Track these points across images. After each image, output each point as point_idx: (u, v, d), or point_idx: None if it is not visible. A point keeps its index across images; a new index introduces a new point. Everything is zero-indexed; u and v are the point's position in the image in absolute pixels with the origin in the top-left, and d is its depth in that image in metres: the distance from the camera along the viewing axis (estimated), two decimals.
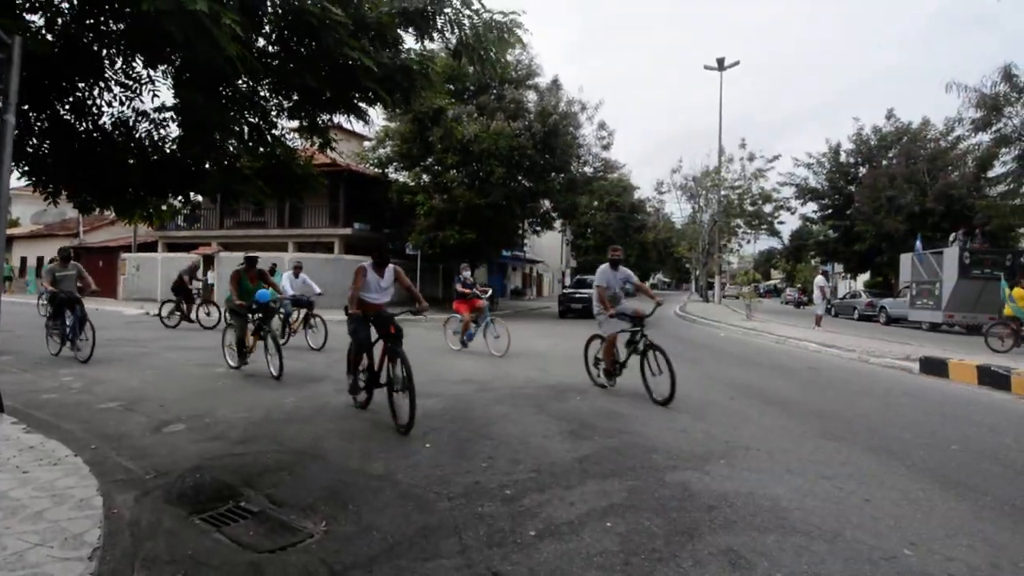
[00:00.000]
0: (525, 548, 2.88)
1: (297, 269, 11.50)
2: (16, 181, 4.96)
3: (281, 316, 10.65)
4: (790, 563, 2.76)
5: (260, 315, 7.57)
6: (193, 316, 14.16)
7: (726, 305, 31.49)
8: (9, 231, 29.61)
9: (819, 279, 18.93)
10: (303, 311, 10.84)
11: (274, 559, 2.75)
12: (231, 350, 7.92)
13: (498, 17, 4.52)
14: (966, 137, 23.58)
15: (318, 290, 11.37)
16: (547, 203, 24.89)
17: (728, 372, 8.80)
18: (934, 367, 8.92)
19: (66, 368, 7.71)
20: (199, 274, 14.93)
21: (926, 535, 3.12)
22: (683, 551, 2.87)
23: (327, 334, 10.35)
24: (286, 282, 11.01)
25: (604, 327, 6.79)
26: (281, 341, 10.12)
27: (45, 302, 13.91)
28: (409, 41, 4.74)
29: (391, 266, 5.71)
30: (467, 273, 10.73)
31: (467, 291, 10.31)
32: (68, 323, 8.46)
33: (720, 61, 30.38)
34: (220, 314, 13.69)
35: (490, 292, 11.18)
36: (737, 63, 30.48)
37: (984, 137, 20.16)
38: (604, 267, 7.08)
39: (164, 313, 14.27)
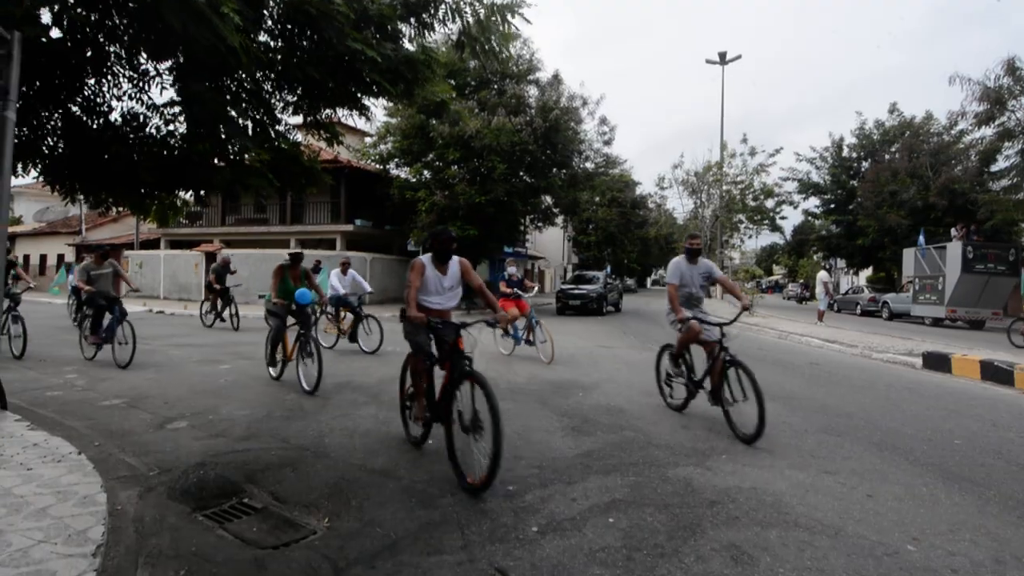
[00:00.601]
0: (527, 544, 2.89)
1: (345, 266, 10.41)
2: (30, 179, 4.98)
3: (330, 316, 10.18)
4: (793, 558, 2.76)
5: (298, 320, 6.70)
6: (224, 315, 13.64)
7: (728, 300, 31.46)
8: (11, 229, 29.68)
9: (822, 274, 18.96)
10: (352, 311, 10.03)
11: (277, 555, 2.76)
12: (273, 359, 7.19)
13: (500, 1, 4.49)
14: (969, 131, 23.50)
15: (369, 288, 10.52)
16: (548, 199, 24.87)
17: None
18: (937, 362, 8.91)
19: (70, 365, 7.73)
20: (231, 268, 14.37)
21: (929, 530, 3.12)
22: (685, 546, 2.87)
23: (383, 336, 9.54)
24: (334, 280, 10.21)
25: (679, 327, 5.58)
26: (327, 345, 9.45)
27: (72, 302, 13.47)
28: (411, 33, 4.73)
29: (456, 259, 4.37)
30: (513, 270, 9.66)
31: (509, 291, 9.30)
32: (105, 324, 8.03)
33: (722, 55, 30.27)
34: (238, 316, 13.39)
35: (535, 289, 10.27)
36: (739, 57, 30.36)
37: (987, 131, 20.07)
38: (678, 260, 5.72)
39: (205, 310, 13.93)
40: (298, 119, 5.43)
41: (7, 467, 3.62)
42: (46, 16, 3.82)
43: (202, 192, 5.59)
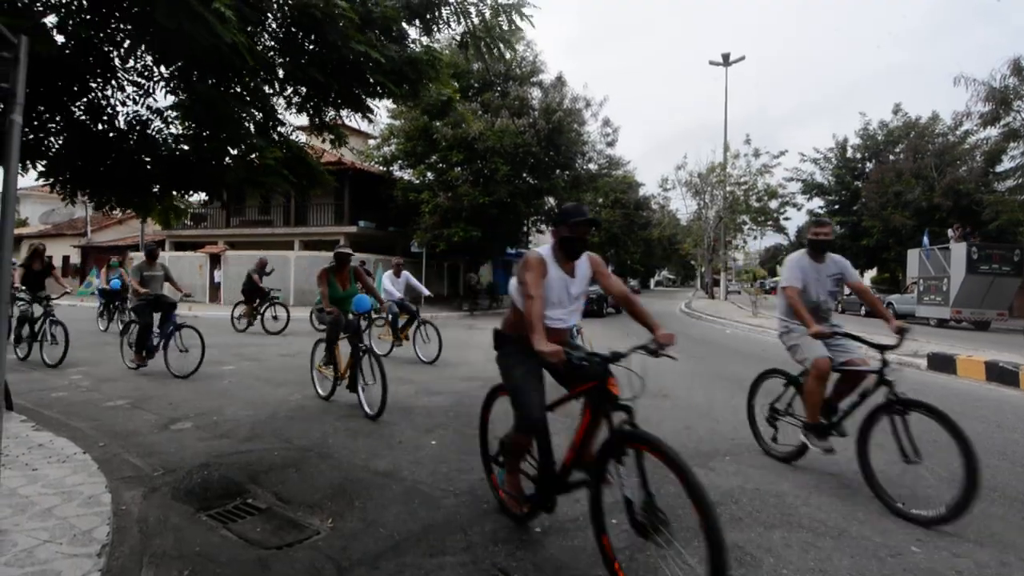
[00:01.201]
0: (530, 545, 2.89)
1: (398, 267, 9.58)
2: (31, 181, 5.00)
3: (387, 322, 9.36)
4: (796, 559, 2.75)
5: (350, 331, 5.68)
6: (260, 319, 12.89)
7: (732, 302, 31.39)
8: (17, 231, 29.84)
9: None
10: (408, 317, 9.29)
11: (281, 555, 2.77)
12: (321, 374, 6.23)
13: (505, 0, 4.50)
14: (974, 131, 23.43)
15: (427, 292, 9.79)
16: (552, 200, 24.88)
17: (733, 369, 8.76)
18: (942, 363, 8.87)
19: (74, 367, 7.76)
20: (267, 269, 13.59)
21: (933, 532, 3.10)
22: (689, 547, 2.85)
23: (441, 344, 8.78)
24: (387, 283, 9.55)
25: (799, 352, 4.06)
26: (380, 354, 8.33)
27: (101, 305, 13.02)
28: (414, 35, 4.75)
29: (587, 255, 3.09)
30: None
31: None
32: (157, 331, 7.45)
33: (725, 57, 30.25)
34: (288, 316, 12.91)
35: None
36: (742, 58, 30.34)
37: (993, 132, 20.01)
38: (798, 256, 4.23)
39: (236, 315, 13.18)
40: (302, 120, 5.47)
41: (13, 467, 3.64)
42: (50, 19, 3.85)
43: (212, 192, 5.61)
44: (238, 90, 4.70)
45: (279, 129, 5.20)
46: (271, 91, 5.00)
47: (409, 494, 3.55)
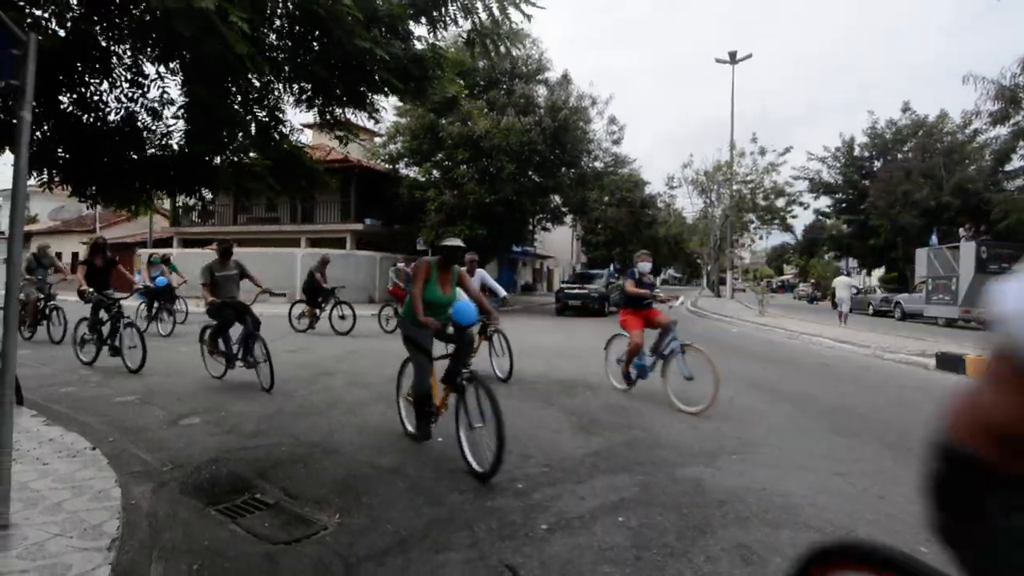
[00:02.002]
0: (536, 542, 2.89)
1: (472, 264, 7.65)
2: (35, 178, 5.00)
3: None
4: None
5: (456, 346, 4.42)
6: (324, 319, 12.01)
7: (738, 300, 31.30)
8: (27, 227, 30.06)
9: (846, 279, 19.54)
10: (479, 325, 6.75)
11: (289, 550, 2.78)
12: (409, 404, 4.62)
13: None
14: (983, 130, 23.24)
15: (503, 292, 8.20)
16: (557, 198, 24.87)
17: (740, 368, 8.74)
18: (950, 363, 8.81)
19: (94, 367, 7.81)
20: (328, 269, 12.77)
21: None
22: (694, 546, 2.86)
23: (512, 358, 7.26)
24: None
25: None
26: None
27: (143, 304, 11.60)
28: (421, 31, 4.75)
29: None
30: (645, 265, 6.61)
31: (642, 293, 6.39)
32: (234, 339, 6.60)
33: (732, 54, 30.11)
34: (355, 316, 11.84)
35: (680, 300, 7.10)
36: (749, 56, 30.18)
37: (1002, 130, 19.84)
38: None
39: (295, 314, 12.38)
40: (308, 118, 5.48)
41: (23, 462, 3.67)
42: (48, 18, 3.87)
43: (202, 193, 5.63)
44: (239, 88, 4.71)
45: (280, 129, 5.22)
46: (275, 88, 5.02)
47: (415, 490, 3.57)
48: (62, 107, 4.47)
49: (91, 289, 7.52)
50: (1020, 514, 1.01)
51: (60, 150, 4.57)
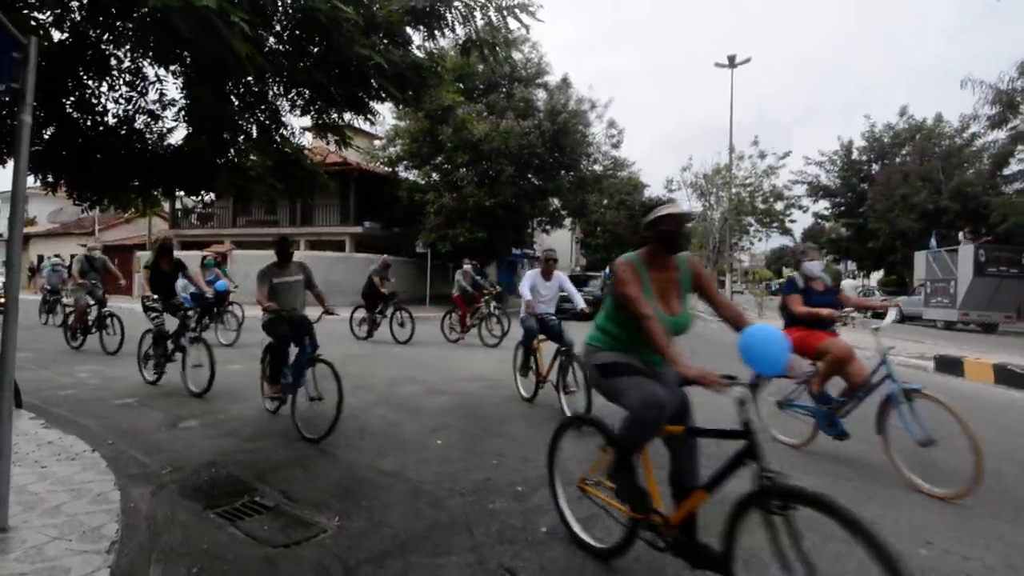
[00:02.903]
0: (536, 545, 2.89)
1: (550, 264, 6.62)
2: (32, 179, 5.00)
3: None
4: None
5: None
6: (385, 326, 11.14)
7: (737, 303, 31.30)
8: (26, 229, 29.98)
9: (852, 282, 19.96)
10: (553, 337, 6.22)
11: (288, 553, 2.78)
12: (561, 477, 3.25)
13: (508, 2, 4.51)
14: (982, 134, 23.30)
15: (582, 303, 6.33)
16: (556, 201, 24.87)
17: (735, 369, 8.72)
18: (949, 365, 8.82)
19: (83, 364, 7.80)
20: (390, 274, 11.84)
21: (942, 535, 3.09)
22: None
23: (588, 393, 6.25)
24: (526, 287, 6.43)
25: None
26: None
27: (194, 314, 9.80)
28: (418, 40, 4.76)
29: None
30: (814, 266, 4.87)
31: (823, 314, 4.64)
32: (291, 366, 5.09)
33: (731, 58, 30.13)
34: (414, 323, 10.93)
35: (895, 312, 5.04)
36: (748, 60, 30.21)
37: (1000, 134, 19.89)
38: None
39: (356, 319, 11.70)
40: (306, 121, 5.48)
41: (22, 464, 3.67)
42: (48, 21, 3.87)
43: (201, 194, 5.64)
44: (240, 91, 4.72)
45: (281, 132, 5.23)
46: (274, 93, 5.03)
47: (415, 493, 3.56)
48: (64, 111, 4.48)
49: (156, 296, 6.58)
50: None
51: (62, 153, 4.57)
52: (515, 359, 6.58)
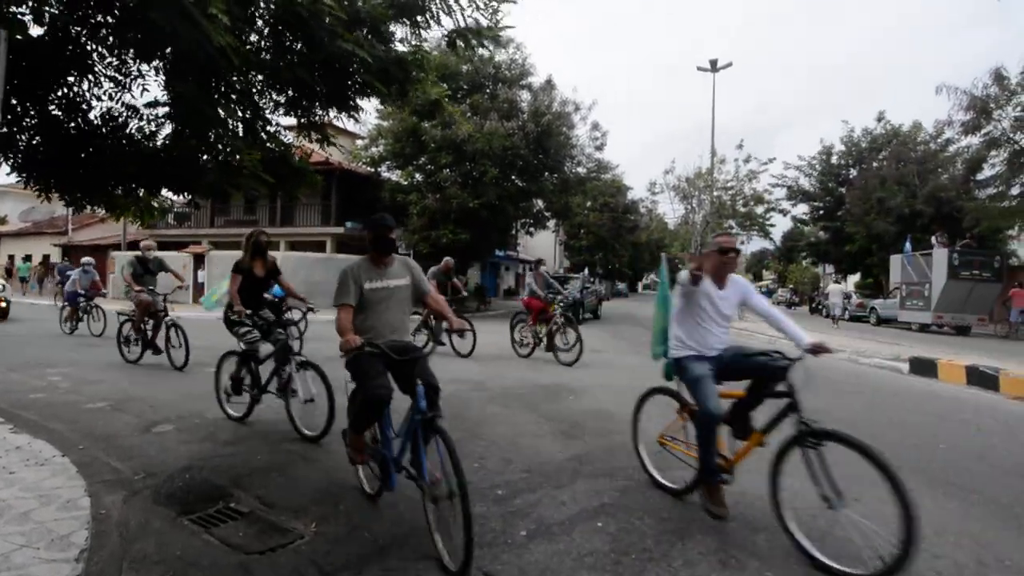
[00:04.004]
0: (515, 548, 2.88)
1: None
2: (5, 177, 4.92)
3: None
4: (780, 562, 2.77)
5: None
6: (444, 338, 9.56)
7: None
8: None
9: (838, 287, 21.48)
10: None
11: (263, 560, 2.74)
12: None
13: None
14: (956, 140, 23.82)
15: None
16: (540, 203, 24.92)
17: None
18: (923, 367, 9.00)
19: (54, 367, 7.62)
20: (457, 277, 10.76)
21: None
22: (673, 550, 2.88)
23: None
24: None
25: None
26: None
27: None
28: (402, 34, 4.74)
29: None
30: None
31: None
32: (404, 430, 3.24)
33: (713, 63, 30.45)
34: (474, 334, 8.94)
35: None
36: (729, 64, 30.54)
37: (974, 140, 20.36)
38: None
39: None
40: (290, 120, 5.42)
41: None
42: (27, 14, 3.79)
43: (188, 193, 5.54)
44: (222, 89, 4.66)
45: (267, 128, 5.17)
46: (258, 91, 4.97)
47: (394, 498, 3.52)
48: (47, 110, 4.39)
49: (247, 310, 5.02)
50: None
51: (45, 153, 4.48)
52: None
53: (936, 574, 2.71)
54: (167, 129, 4.88)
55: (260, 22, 4.28)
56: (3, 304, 13.80)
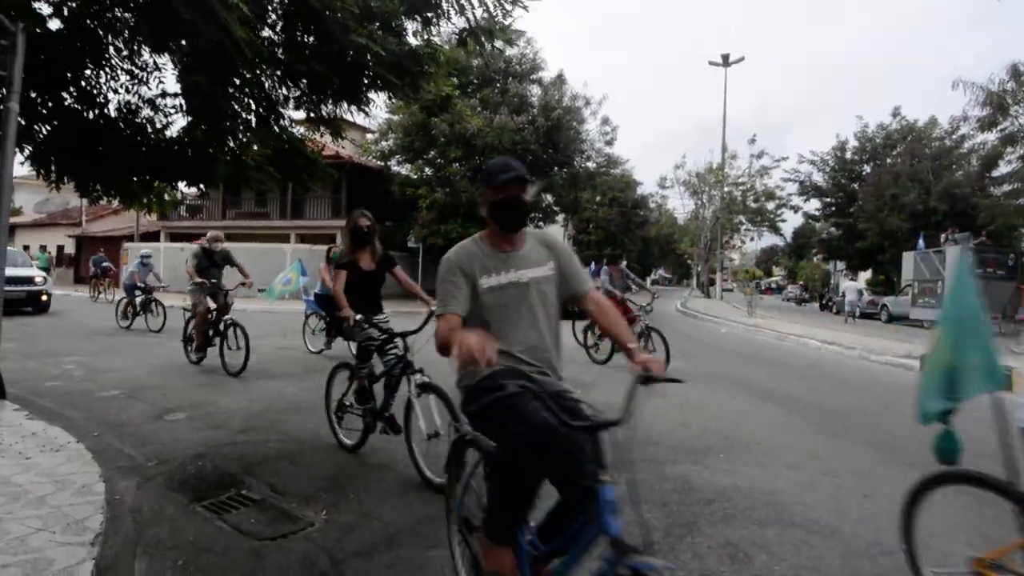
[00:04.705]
0: None
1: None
2: (20, 168, 4.99)
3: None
4: (789, 557, 2.76)
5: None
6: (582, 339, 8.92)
7: (728, 301, 31.47)
8: (12, 220, 29.57)
9: (853, 284, 21.86)
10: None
11: (275, 546, 2.77)
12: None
13: None
14: (971, 136, 23.52)
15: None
16: (549, 197, 24.87)
17: (729, 368, 8.79)
18: None
19: (69, 356, 7.72)
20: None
21: (925, 531, 3.12)
22: (682, 544, 2.88)
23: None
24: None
25: None
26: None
27: (318, 323, 8.51)
28: (413, 29, 4.75)
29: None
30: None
31: None
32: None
33: (725, 57, 30.23)
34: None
35: None
36: (742, 59, 30.31)
37: (990, 136, 20.10)
38: None
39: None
40: (300, 115, 5.45)
41: (6, 456, 3.62)
42: (45, 8, 3.83)
43: (202, 185, 5.58)
44: (236, 83, 4.69)
45: (280, 122, 5.20)
46: (271, 84, 5.00)
47: (404, 486, 3.55)
48: (64, 102, 4.44)
49: (357, 315, 4.01)
50: None
51: (62, 144, 4.53)
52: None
53: None
54: (181, 122, 4.92)
55: (274, 16, 4.31)
56: (44, 297, 13.56)
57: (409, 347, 3.81)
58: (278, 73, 4.77)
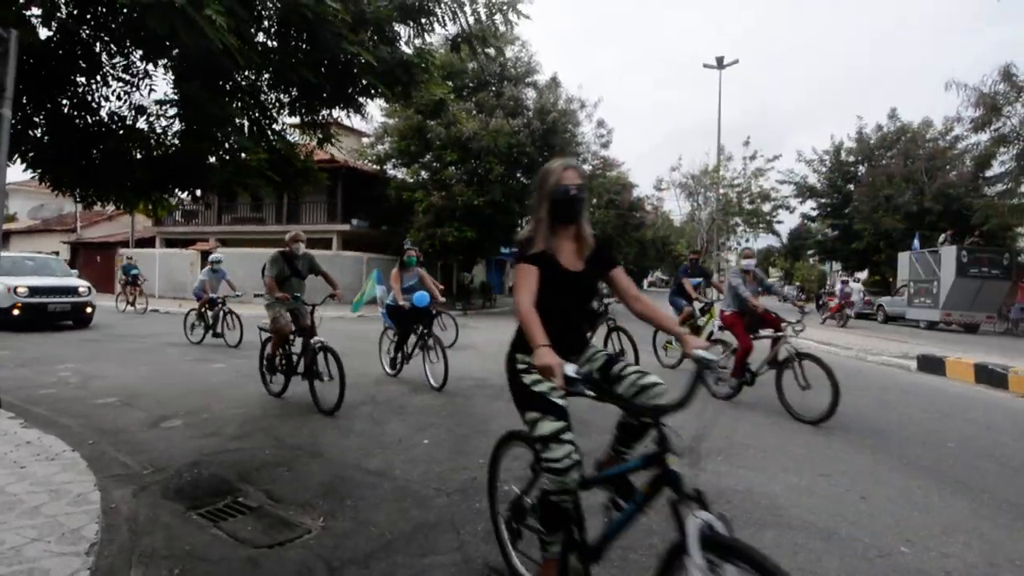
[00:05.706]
0: (522, 544, 2.88)
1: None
2: (19, 174, 5.00)
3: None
4: (786, 560, 2.76)
5: None
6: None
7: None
8: (6, 226, 29.43)
9: (857, 285, 22.42)
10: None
11: (271, 554, 2.75)
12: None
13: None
14: (965, 136, 23.66)
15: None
16: None
17: None
18: (931, 365, 8.94)
19: (63, 363, 7.68)
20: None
21: (923, 533, 3.13)
22: None
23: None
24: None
25: None
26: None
27: (392, 333, 7.26)
28: (407, 35, 4.75)
29: None
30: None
31: None
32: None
33: (719, 60, 30.29)
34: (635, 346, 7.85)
35: None
36: (736, 62, 30.37)
37: (983, 137, 20.22)
38: None
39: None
40: (295, 119, 5.44)
41: (0, 465, 3.60)
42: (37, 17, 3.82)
43: (198, 191, 5.57)
44: (228, 88, 4.69)
45: (273, 127, 5.20)
46: (263, 90, 5.00)
47: (401, 493, 3.54)
48: (57, 108, 4.43)
49: (568, 365, 1.98)
50: None
51: (57, 150, 4.53)
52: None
53: (946, 574, 2.69)
54: (176, 128, 4.92)
55: (267, 23, 4.30)
56: (89, 309, 12.23)
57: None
58: (271, 79, 4.77)
